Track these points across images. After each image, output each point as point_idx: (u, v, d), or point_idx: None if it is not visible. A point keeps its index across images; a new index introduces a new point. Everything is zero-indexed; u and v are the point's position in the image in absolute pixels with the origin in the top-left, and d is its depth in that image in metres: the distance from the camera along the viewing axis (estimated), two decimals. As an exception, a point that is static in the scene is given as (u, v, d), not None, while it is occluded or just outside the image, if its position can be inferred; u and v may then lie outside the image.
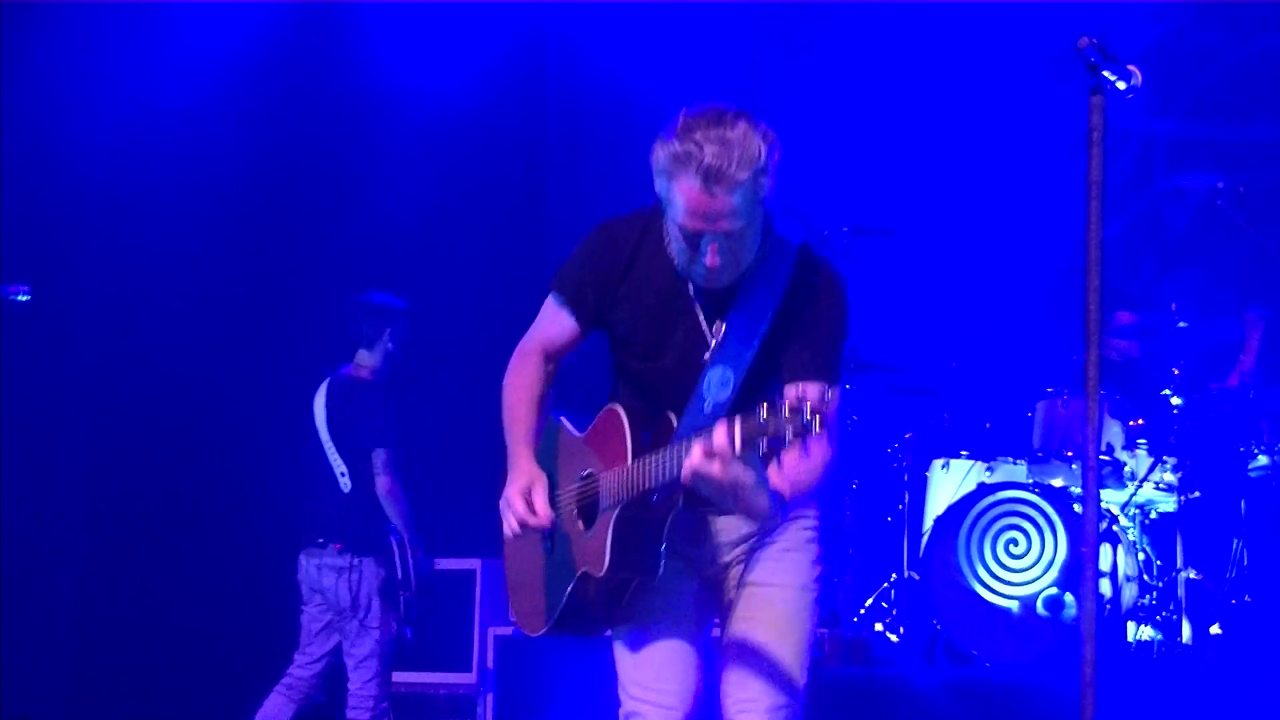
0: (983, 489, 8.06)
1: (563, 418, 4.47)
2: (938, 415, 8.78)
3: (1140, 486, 8.09)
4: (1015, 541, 7.86)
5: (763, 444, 3.75)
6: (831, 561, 8.79)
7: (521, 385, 4.38)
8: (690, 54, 10.17)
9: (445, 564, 8.93)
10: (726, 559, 4.33)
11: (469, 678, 8.88)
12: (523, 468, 4.30)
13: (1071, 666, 3.98)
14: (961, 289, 9.41)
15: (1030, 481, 8.07)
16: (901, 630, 8.36)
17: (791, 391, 4.06)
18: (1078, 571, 7.65)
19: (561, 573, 4.28)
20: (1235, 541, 8.03)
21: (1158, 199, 9.46)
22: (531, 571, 4.42)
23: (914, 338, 9.30)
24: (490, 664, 8.90)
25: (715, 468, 3.84)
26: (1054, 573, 7.77)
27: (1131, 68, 4.16)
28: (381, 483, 7.85)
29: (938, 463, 8.57)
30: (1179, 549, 8.13)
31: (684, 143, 3.95)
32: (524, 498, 4.25)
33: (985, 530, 7.91)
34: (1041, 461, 8.20)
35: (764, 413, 3.73)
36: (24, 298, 6.96)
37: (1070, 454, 8.10)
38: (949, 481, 8.46)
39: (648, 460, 4.06)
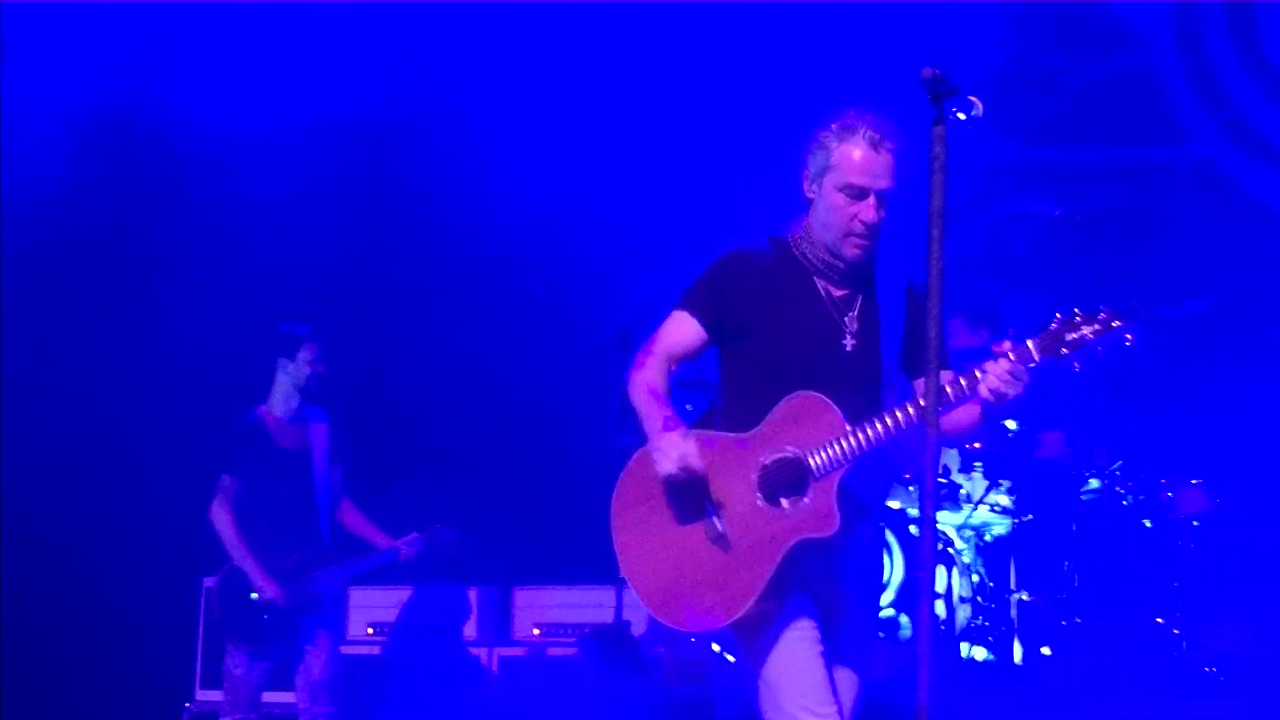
0: (820, 509, 8.06)
1: (694, 430, 4.83)
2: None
3: (975, 509, 8.17)
4: (851, 562, 7.88)
5: (1063, 351, 4.59)
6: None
7: (646, 380, 4.93)
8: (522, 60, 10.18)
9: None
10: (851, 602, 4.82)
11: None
12: (666, 427, 4.78)
13: (906, 687, 4.03)
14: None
15: (867, 502, 8.11)
16: (738, 649, 8.34)
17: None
18: (913, 593, 7.70)
19: (759, 551, 4.68)
20: (1066, 563, 8.12)
21: (1000, 221, 9.56)
22: (698, 569, 4.74)
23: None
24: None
25: (1021, 373, 4.58)
26: (889, 594, 7.82)
27: (973, 99, 4.23)
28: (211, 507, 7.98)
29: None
30: (1012, 571, 8.21)
31: (849, 120, 4.79)
32: (679, 449, 4.73)
33: (822, 551, 7.93)
34: (878, 482, 8.23)
35: (1060, 325, 4.58)
36: None
37: (907, 476, 8.16)
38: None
39: (891, 414, 4.64)
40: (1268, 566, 8.36)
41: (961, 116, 4.22)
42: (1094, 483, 8.18)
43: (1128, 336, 4.56)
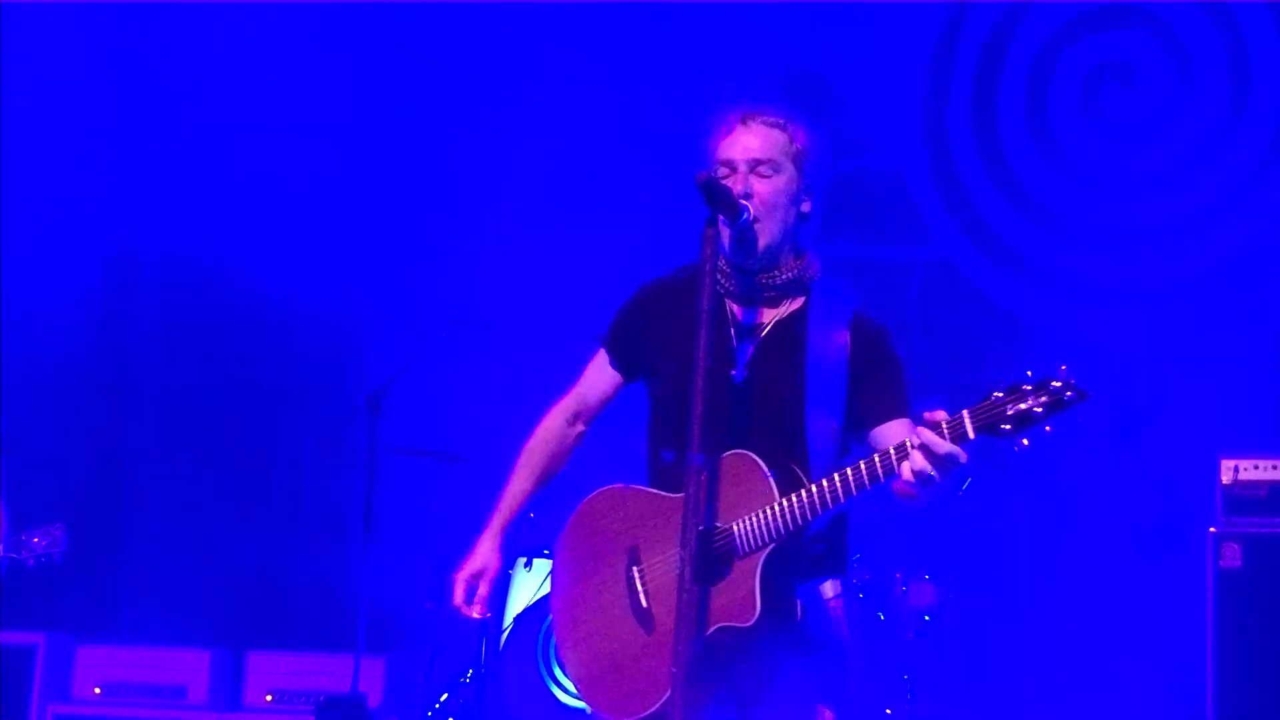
0: (564, 588, 8.09)
1: (631, 485, 4.37)
2: (523, 514, 8.78)
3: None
4: (593, 643, 7.91)
5: (1005, 427, 3.79)
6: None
7: (539, 442, 4.58)
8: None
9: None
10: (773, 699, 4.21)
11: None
12: (481, 548, 4.41)
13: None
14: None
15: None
16: (478, 727, 8.35)
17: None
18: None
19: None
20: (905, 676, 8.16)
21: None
22: (618, 649, 4.22)
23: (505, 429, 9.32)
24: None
25: (944, 448, 3.82)
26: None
27: (745, 202, 4.36)
28: None
29: (520, 560, 8.57)
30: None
31: (729, 109, 4.43)
32: (467, 583, 4.34)
33: (564, 631, 7.95)
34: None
35: (1005, 394, 3.81)
36: None
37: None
38: (531, 580, 8.46)
39: (819, 486, 4.03)
40: (989, 660, 8.65)
41: (732, 220, 4.35)
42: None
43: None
